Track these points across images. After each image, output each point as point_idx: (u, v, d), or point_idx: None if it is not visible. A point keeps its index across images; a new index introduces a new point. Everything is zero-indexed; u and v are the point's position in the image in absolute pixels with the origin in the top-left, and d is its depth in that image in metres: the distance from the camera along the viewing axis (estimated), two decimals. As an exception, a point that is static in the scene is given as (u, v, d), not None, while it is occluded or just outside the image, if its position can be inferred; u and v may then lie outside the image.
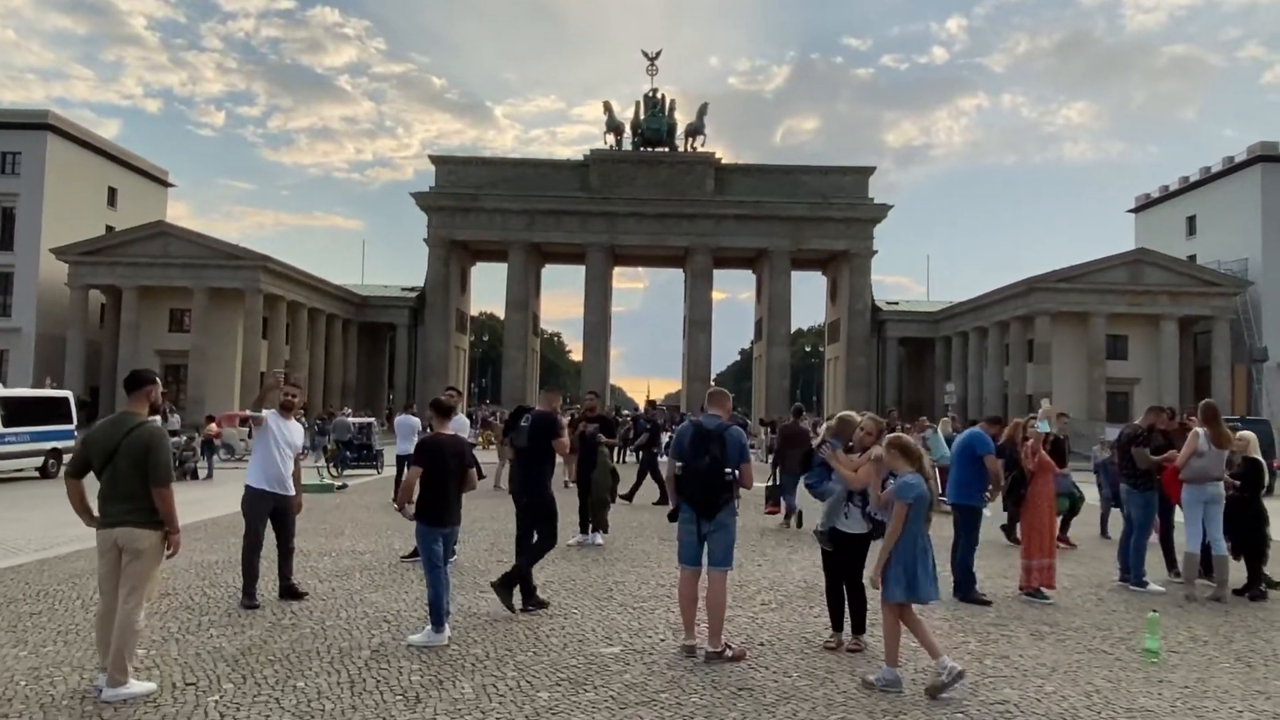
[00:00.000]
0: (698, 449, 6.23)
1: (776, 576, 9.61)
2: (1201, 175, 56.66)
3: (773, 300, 62.43)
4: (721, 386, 7.65)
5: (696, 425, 6.46)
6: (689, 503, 6.27)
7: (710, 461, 6.18)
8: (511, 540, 8.66)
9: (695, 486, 6.21)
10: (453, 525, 6.73)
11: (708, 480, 6.18)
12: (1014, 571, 9.53)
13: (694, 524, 6.24)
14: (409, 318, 62.53)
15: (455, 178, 62.04)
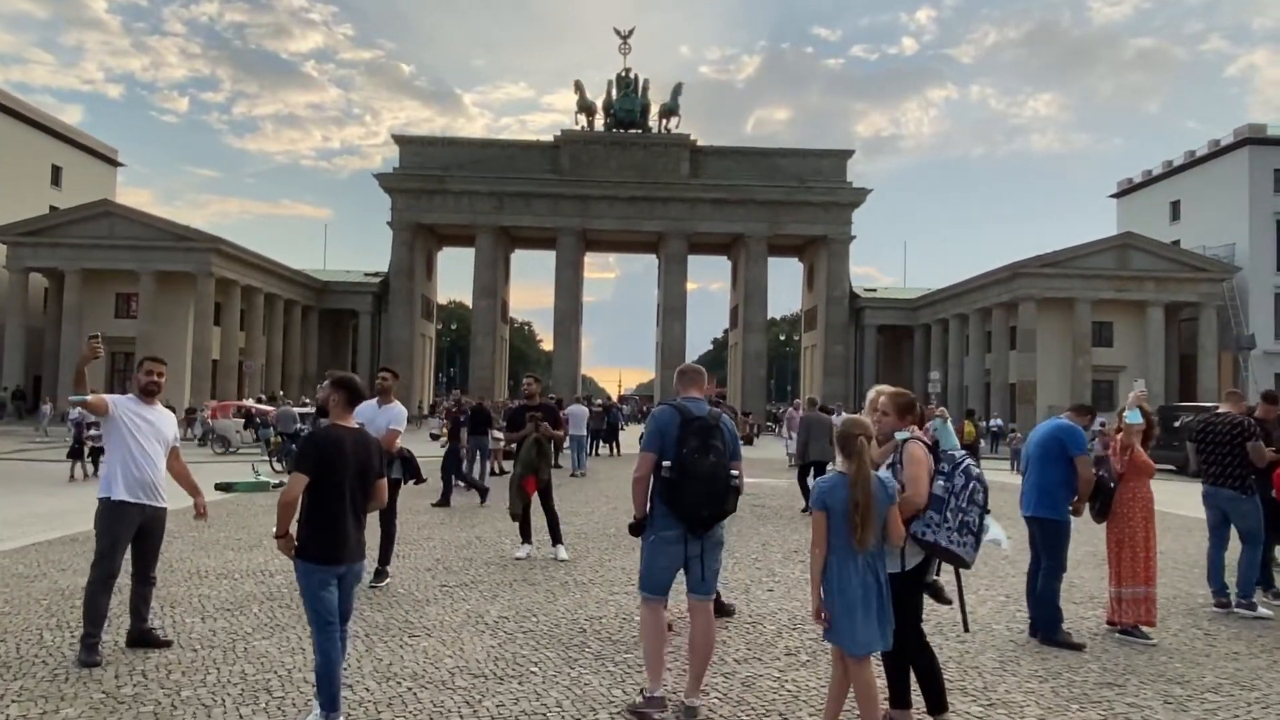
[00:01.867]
0: (696, 444, 4.72)
1: (797, 609, 7.45)
2: (1186, 159, 55.51)
3: (749, 286, 60.65)
4: (697, 365, 5.55)
5: (684, 412, 4.87)
6: (681, 515, 4.73)
7: (714, 461, 4.71)
8: (460, 553, 7.56)
9: (697, 494, 4.68)
10: (350, 561, 4.54)
11: (712, 485, 4.69)
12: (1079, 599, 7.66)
13: (681, 543, 4.78)
14: (372, 304, 60.15)
15: (421, 159, 59.60)
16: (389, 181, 58.65)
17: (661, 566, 4.81)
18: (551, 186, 58.50)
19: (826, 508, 4.21)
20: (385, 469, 4.69)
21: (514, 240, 67.91)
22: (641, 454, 4.93)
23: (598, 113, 61.59)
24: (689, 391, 5.07)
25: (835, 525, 4.18)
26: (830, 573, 4.19)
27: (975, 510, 4.47)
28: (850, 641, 4.14)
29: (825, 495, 4.24)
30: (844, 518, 4.15)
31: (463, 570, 8.56)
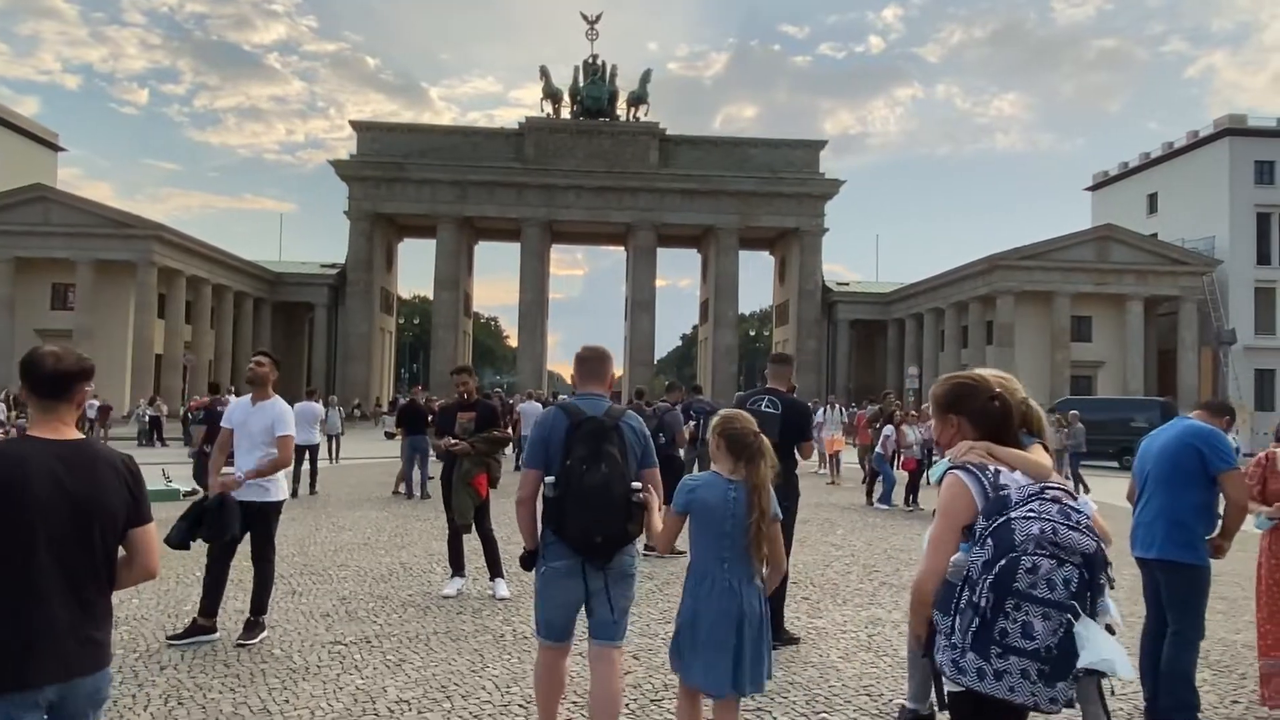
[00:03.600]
0: (584, 452, 3.87)
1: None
2: (1164, 150, 54.56)
3: (719, 280, 58.96)
4: (601, 347, 4.50)
5: (573, 413, 4.03)
6: (570, 541, 3.88)
7: (607, 472, 3.83)
8: (374, 588, 6.57)
9: (585, 514, 3.81)
10: (61, 677, 2.43)
11: (604, 502, 3.80)
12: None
13: (577, 575, 3.93)
14: (329, 297, 57.70)
15: (380, 146, 57.26)
16: (346, 169, 56.30)
17: (555, 605, 3.95)
18: (516, 176, 56.44)
19: (691, 511, 3.58)
20: (142, 508, 2.69)
21: (478, 231, 65.73)
22: (524, 470, 4.07)
23: (564, 100, 59.58)
24: (588, 385, 4.17)
25: (703, 536, 3.58)
26: (687, 594, 3.63)
27: (1030, 610, 2.36)
28: (700, 678, 3.52)
29: (692, 496, 3.58)
30: (715, 528, 3.55)
31: (369, 617, 6.61)
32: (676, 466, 9.19)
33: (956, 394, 2.77)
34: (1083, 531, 2.35)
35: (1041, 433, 2.93)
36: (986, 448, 2.65)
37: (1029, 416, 2.92)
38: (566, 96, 59.48)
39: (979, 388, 2.77)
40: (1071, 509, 2.40)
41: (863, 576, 8.73)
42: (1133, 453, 19.99)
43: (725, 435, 3.67)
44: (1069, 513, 2.40)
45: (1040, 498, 2.43)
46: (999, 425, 2.70)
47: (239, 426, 6.03)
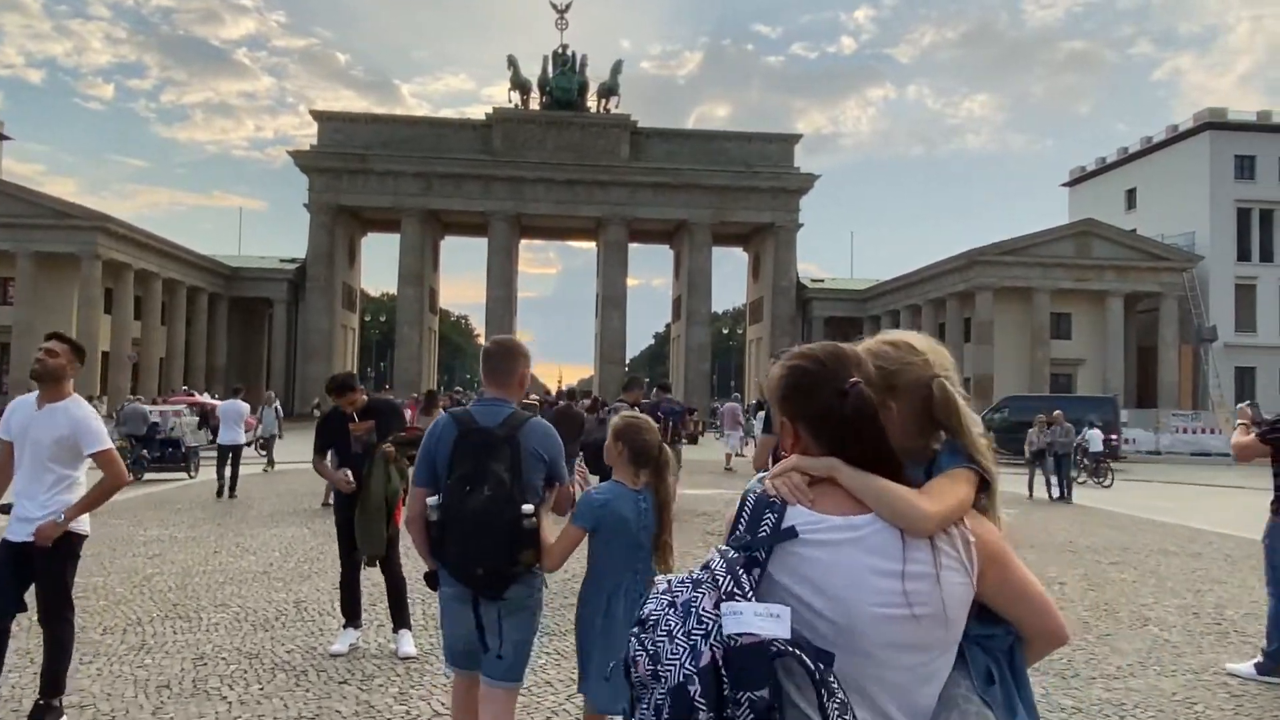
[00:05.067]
0: (468, 469, 3.29)
1: None
2: (1143, 145, 53.77)
3: (692, 276, 57.53)
4: (511, 339, 3.75)
5: (462, 423, 3.42)
6: (452, 572, 3.34)
7: (489, 495, 3.23)
8: (246, 640, 5.53)
9: (463, 542, 3.25)
10: None
11: (484, 529, 3.22)
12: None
13: (467, 603, 3.36)
14: (288, 292, 55.70)
15: (342, 137, 55.33)
16: (306, 160, 54.34)
17: (451, 632, 3.51)
18: (483, 168, 54.72)
19: (600, 527, 3.35)
20: None
21: (444, 226, 63.92)
22: (412, 488, 3.59)
23: (533, 91, 57.92)
24: (490, 387, 3.59)
25: (613, 549, 3.38)
26: (591, 610, 3.41)
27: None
28: (609, 700, 3.28)
29: (604, 511, 3.35)
30: (629, 540, 3.39)
31: (220, 689, 4.96)
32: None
33: (789, 387, 1.60)
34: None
35: (964, 438, 1.60)
36: (806, 468, 1.53)
37: (950, 413, 1.60)
38: (535, 87, 57.86)
39: (824, 373, 1.56)
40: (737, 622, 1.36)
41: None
42: (1087, 453, 18.19)
43: (630, 445, 3.46)
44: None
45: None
46: (854, 434, 1.53)
47: (19, 437, 4.43)
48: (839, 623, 1.43)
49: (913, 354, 1.63)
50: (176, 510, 13.09)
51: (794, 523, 1.47)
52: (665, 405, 11.98)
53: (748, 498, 1.54)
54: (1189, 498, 19.15)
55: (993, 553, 1.52)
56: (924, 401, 1.59)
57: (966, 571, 1.48)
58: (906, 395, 1.58)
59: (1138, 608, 7.59)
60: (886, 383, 1.57)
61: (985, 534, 1.54)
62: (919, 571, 1.44)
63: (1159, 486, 22.24)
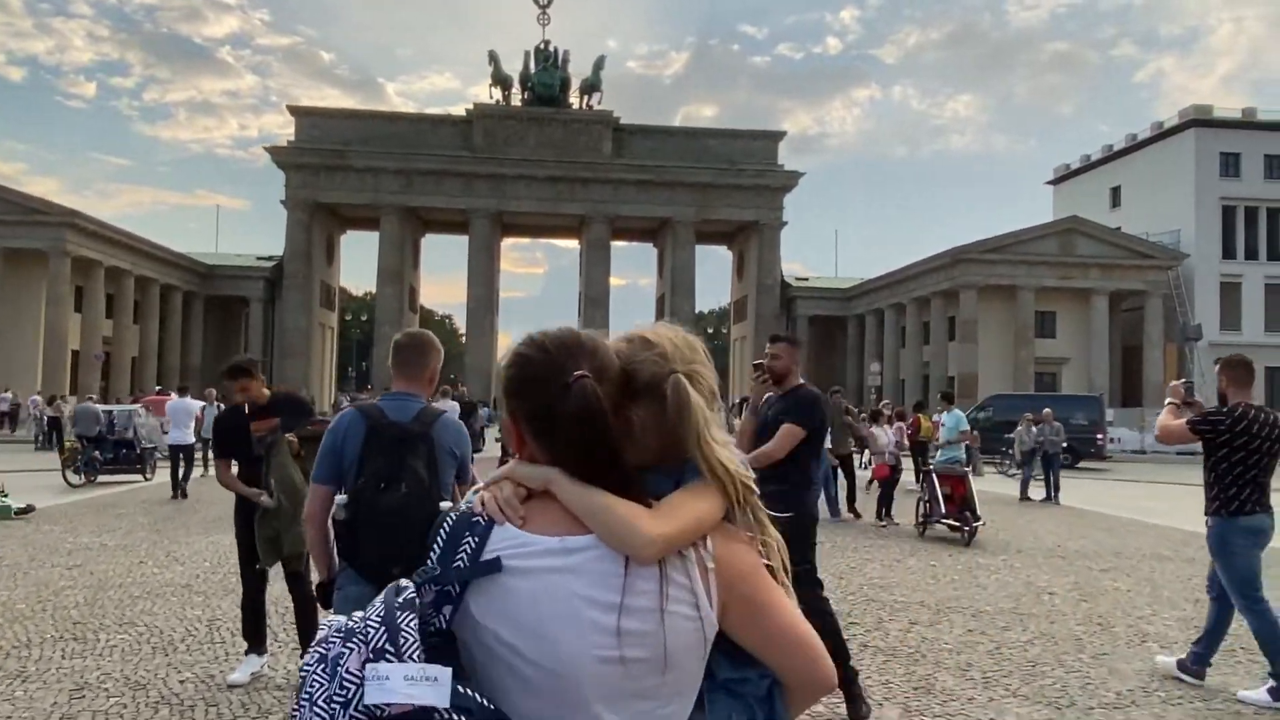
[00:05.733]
0: (380, 466, 3.17)
1: None
2: (1128, 143, 53.48)
3: (675, 274, 56.90)
4: (422, 332, 3.58)
5: (372, 417, 3.25)
6: (364, 572, 3.14)
7: (406, 493, 3.13)
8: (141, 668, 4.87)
9: (378, 543, 3.10)
10: None
11: (400, 529, 3.05)
12: None
13: None
14: (265, 291, 54.74)
15: (320, 132, 54.36)
16: (283, 156, 53.39)
17: None
18: (464, 164, 53.92)
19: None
20: None
21: (425, 224, 63.07)
22: (312, 485, 3.34)
23: (514, 87, 57.17)
24: (400, 381, 3.36)
25: None
26: None
27: None
28: None
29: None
30: None
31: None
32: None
33: (510, 379, 1.36)
34: None
35: (698, 447, 1.32)
36: (521, 478, 1.31)
37: (681, 416, 1.32)
38: (517, 84, 57.12)
39: (548, 364, 1.32)
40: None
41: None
42: (1076, 452, 17.84)
43: None
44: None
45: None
46: (576, 437, 1.27)
47: None
48: (547, 668, 1.18)
49: (647, 349, 1.36)
50: (118, 515, 12.37)
51: (498, 547, 1.22)
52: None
53: (449, 516, 1.28)
54: (1177, 497, 18.65)
55: (740, 582, 1.26)
56: (665, 404, 1.32)
57: (698, 604, 1.22)
58: (646, 398, 1.31)
59: (1135, 621, 7.00)
60: (625, 384, 1.32)
61: (734, 559, 1.27)
62: (639, 606, 1.19)
63: (1146, 486, 21.81)
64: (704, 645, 1.25)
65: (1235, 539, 5.30)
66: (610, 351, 1.34)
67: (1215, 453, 5.32)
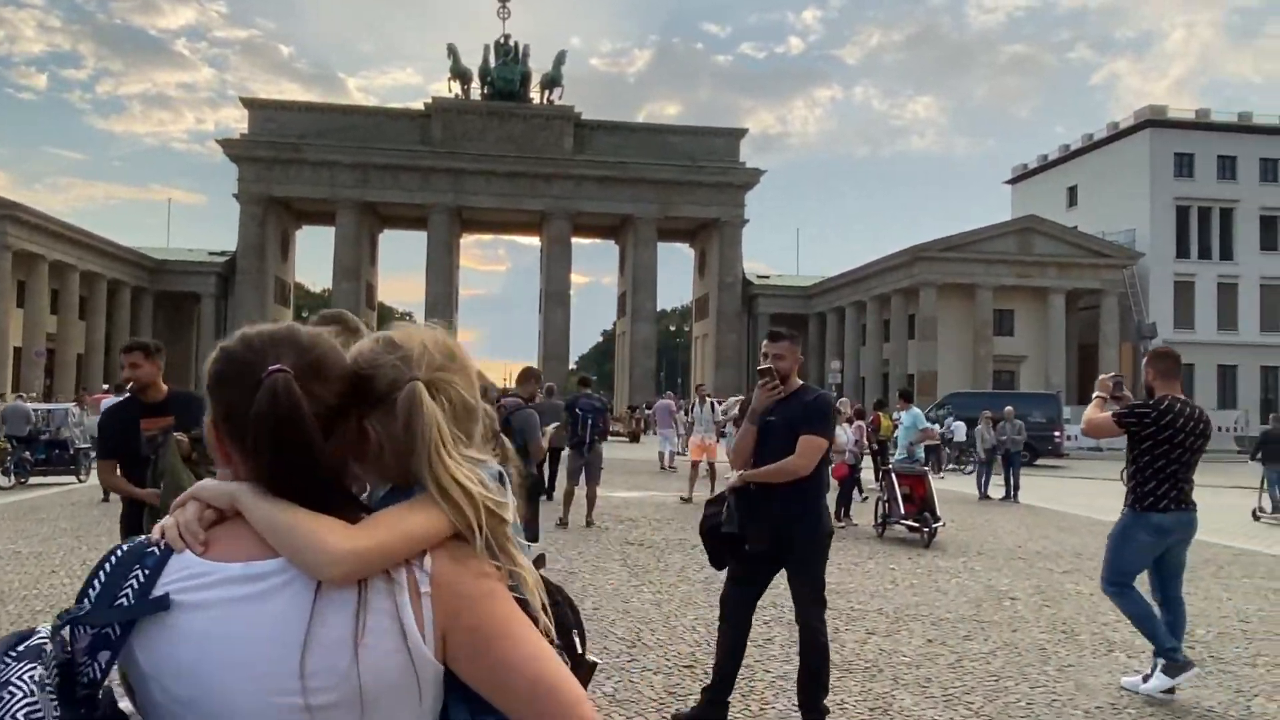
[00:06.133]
0: None
1: None
2: (1084, 143, 54.02)
3: (637, 271, 56.59)
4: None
5: None
6: None
7: None
8: None
9: None
10: None
11: None
12: None
13: None
14: (217, 286, 53.58)
15: (275, 125, 53.31)
16: (236, 149, 52.36)
17: None
18: (422, 159, 53.20)
19: None
20: None
21: (383, 219, 62.19)
22: None
23: (474, 81, 56.48)
24: None
25: None
26: None
27: None
28: None
29: None
30: None
31: None
32: (529, 486, 6.64)
33: (209, 377, 1.19)
34: None
35: (425, 463, 1.18)
36: (207, 496, 1.13)
37: (410, 426, 1.16)
38: (476, 78, 56.43)
39: (248, 359, 1.14)
40: None
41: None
42: (1034, 450, 17.85)
43: None
44: None
45: None
46: (270, 442, 1.09)
47: None
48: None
49: (391, 351, 1.18)
50: (40, 520, 11.73)
51: (172, 579, 1.03)
52: (583, 402, 10.94)
53: (119, 546, 1.10)
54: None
55: (467, 609, 1.07)
56: None
57: (407, 636, 1.03)
58: (383, 407, 1.14)
59: (1099, 628, 6.74)
60: (358, 389, 1.15)
61: (460, 581, 1.08)
62: (330, 639, 1.01)
63: (1102, 484, 21.82)
64: (416, 686, 1.04)
65: (1138, 533, 5.31)
66: (337, 351, 1.15)
67: (1138, 446, 5.25)
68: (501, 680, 1.05)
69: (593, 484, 11.20)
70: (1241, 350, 47.68)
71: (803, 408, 4.39)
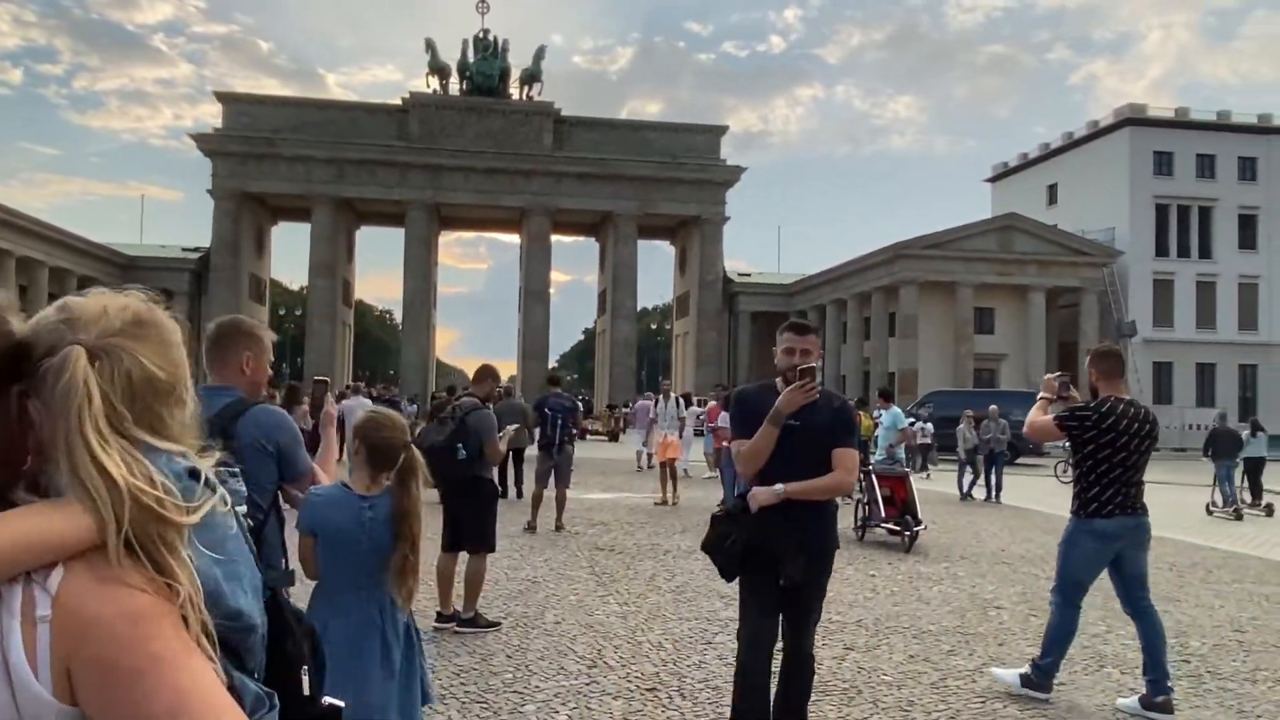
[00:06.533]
0: None
1: None
2: (1064, 141, 54.02)
3: (617, 269, 56.17)
4: (236, 319, 3.32)
5: None
6: None
7: None
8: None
9: None
10: None
11: None
12: None
13: None
14: (190, 283, 52.73)
15: (249, 119, 52.57)
16: (209, 143, 51.58)
17: None
18: (399, 154, 52.57)
19: (315, 533, 3.02)
20: None
21: (359, 215, 61.52)
22: None
23: (452, 76, 55.89)
24: (212, 373, 3.18)
25: (334, 560, 3.00)
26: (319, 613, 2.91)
27: None
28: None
29: (315, 514, 3.02)
30: (348, 554, 2.97)
31: None
32: (486, 493, 6.18)
33: None
34: None
35: (66, 458, 0.93)
36: None
37: (52, 407, 0.93)
38: (455, 72, 55.85)
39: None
40: None
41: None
42: (1015, 449, 17.59)
43: (368, 442, 3.05)
44: None
45: None
46: None
47: None
48: None
49: (61, 315, 0.97)
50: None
51: None
52: (552, 401, 10.50)
53: None
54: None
55: (98, 640, 0.85)
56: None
57: (10, 669, 0.84)
58: (43, 380, 0.93)
59: (1089, 640, 6.38)
60: (17, 359, 0.94)
61: (90, 604, 0.87)
62: None
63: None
64: None
65: (1084, 541, 5.10)
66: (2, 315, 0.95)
67: (1082, 450, 5.04)
68: None
69: (562, 486, 10.77)
70: (1220, 349, 47.78)
71: (831, 415, 3.95)
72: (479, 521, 6.06)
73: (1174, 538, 11.99)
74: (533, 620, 6.40)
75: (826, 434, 3.87)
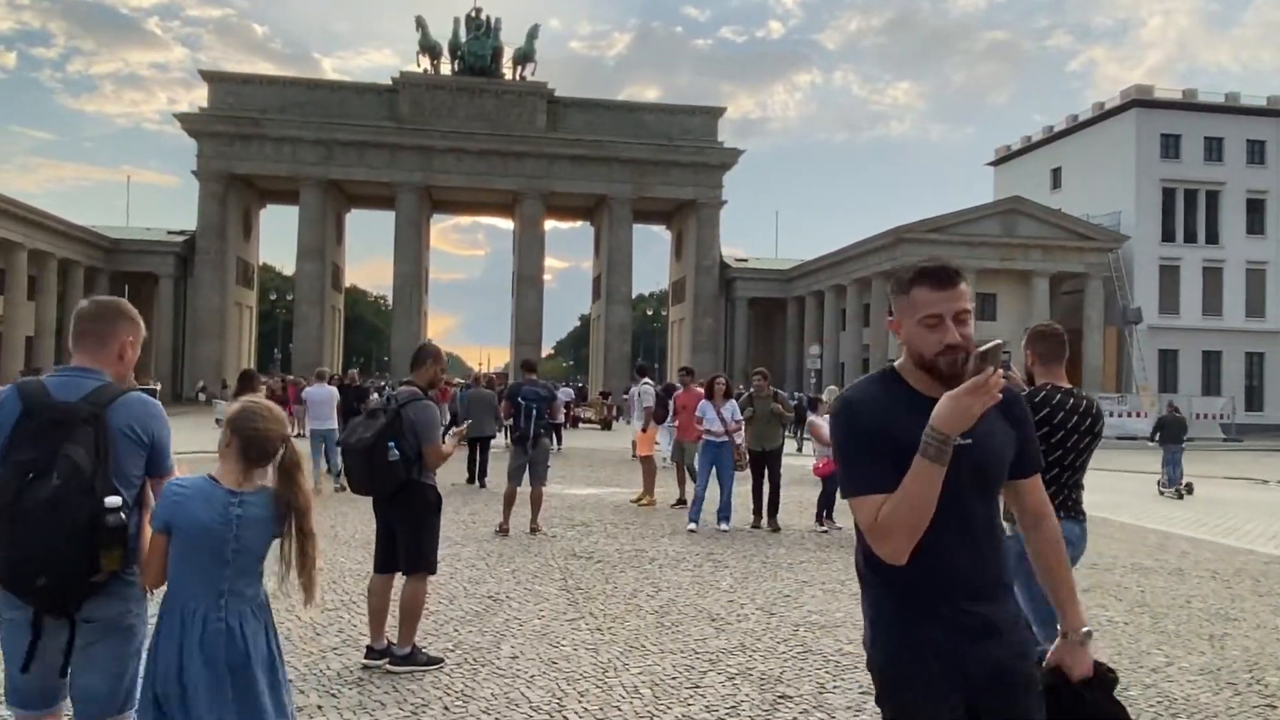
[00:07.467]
0: (30, 455, 2.63)
1: None
2: (1069, 124, 52.85)
3: (612, 253, 55.07)
4: (114, 300, 2.91)
5: (30, 394, 2.75)
6: (6, 581, 2.68)
7: (58, 485, 2.61)
8: None
9: (14, 547, 2.60)
10: None
11: (49, 530, 2.57)
12: None
13: (28, 627, 2.68)
14: (176, 267, 51.62)
15: (235, 99, 51.36)
16: (194, 123, 50.39)
17: (11, 665, 2.71)
18: (389, 135, 51.42)
19: (169, 529, 2.65)
20: None
21: (349, 198, 60.44)
22: None
23: (443, 55, 54.65)
24: (81, 354, 2.84)
25: (191, 562, 2.64)
26: (159, 635, 2.64)
27: None
28: None
29: (176, 511, 2.65)
30: (212, 554, 2.63)
31: None
32: (424, 502, 5.08)
33: None
34: None
35: None
36: None
37: None
38: (446, 52, 54.61)
39: None
40: None
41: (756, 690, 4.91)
42: None
43: (242, 434, 2.74)
44: None
45: None
46: None
47: None
48: None
49: None
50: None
51: None
52: (526, 390, 9.43)
53: None
54: (1129, 488, 17.52)
55: None
56: None
57: None
58: None
59: (1150, 677, 5.36)
60: None
61: None
62: None
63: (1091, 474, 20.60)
64: None
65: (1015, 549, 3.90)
66: None
67: None
68: None
69: (538, 484, 9.71)
70: (1227, 336, 46.78)
71: (1006, 419, 2.23)
72: (414, 538, 5.02)
73: (1207, 539, 10.99)
74: (485, 654, 5.38)
75: (1002, 454, 2.21)
